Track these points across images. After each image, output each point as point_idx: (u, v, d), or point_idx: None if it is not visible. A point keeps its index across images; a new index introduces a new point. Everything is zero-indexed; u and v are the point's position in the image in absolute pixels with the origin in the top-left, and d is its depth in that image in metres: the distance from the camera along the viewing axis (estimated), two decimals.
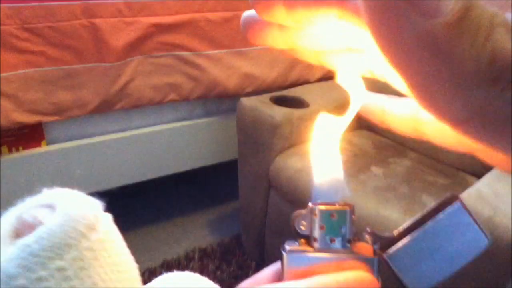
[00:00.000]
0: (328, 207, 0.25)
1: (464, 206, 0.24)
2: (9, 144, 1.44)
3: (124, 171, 1.66)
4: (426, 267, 0.25)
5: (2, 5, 1.28)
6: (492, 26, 0.13)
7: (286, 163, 1.45)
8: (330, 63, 0.23)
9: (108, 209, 0.27)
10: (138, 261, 0.28)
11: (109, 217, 0.27)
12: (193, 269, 0.37)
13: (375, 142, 1.63)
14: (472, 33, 0.12)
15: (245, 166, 1.63)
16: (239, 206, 1.74)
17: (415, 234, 0.25)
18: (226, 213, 2.07)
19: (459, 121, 0.15)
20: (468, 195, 1.05)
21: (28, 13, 1.32)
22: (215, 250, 1.79)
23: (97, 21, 1.42)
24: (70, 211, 0.24)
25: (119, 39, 1.46)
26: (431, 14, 0.12)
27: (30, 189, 0.28)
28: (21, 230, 0.25)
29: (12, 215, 0.26)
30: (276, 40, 0.22)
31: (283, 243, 0.27)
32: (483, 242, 0.24)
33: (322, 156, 0.27)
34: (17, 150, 1.46)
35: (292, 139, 1.51)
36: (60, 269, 0.23)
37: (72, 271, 0.23)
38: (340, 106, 1.65)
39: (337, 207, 0.25)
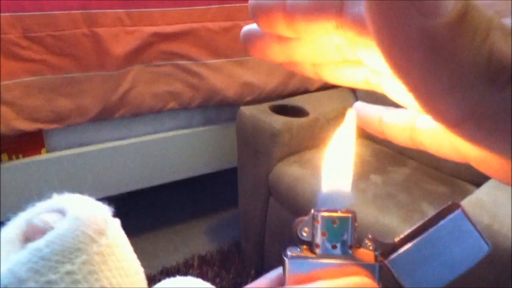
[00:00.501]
0: (330, 213, 0.26)
1: (465, 213, 0.25)
2: (9, 152, 1.45)
3: (123, 178, 1.66)
4: (427, 273, 0.25)
5: (3, 14, 1.29)
6: (489, 28, 0.13)
7: (286, 171, 1.45)
8: (327, 76, 0.24)
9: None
10: None
11: (117, 222, 0.27)
12: (192, 277, 0.37)
13: (374, 151, 1.63)
14: (471, 34, 0.13)
15: (245, 174, 1.63)
16: (239, 214, 1.73)
17: (416, 240, 0.25)
18: (225, 221, 2.06)
19: (456, 122, 0.15)
20: (468, 203, 1.05)
21: (29, 21, 1.33)
22: (215, 258, 1.79)
23: (98, 29, 1.42)
24: (80, 216, 0.25)
25: (120, 48, 1.46)
26: (431, 14, 0.13)
27: (30, 196, 0.28)
28: (31, 234, 0.25)
29: (22, 219, 0.26)
30: (275, 53, 0.22)
31: (284, 249, 0.27)
32: (483, 249, 0.25)
33: (334, 163, 0.27)
34: (17, 157, 1.47)
35: (291, 148, 1.52)
36: (70, 273, 0.23)
37: (81, 275, 0.23)
38: (339, 115, 1.66)
39: (339, 213, 0.26)
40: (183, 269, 1.72)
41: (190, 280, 0.36)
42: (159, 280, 0.35)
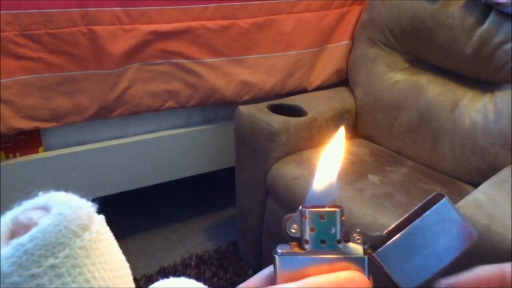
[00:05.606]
0: (318, 209, 0.26)
1: (450, 202, 0.25)
2: (6, 150, 1.44)
3: (121, 177, 1.66)
4: (415, 263, 0.25)
5: (1, 11, 1.29)
6: None
7: (283, 171, 1.45)
8: None
9: (105, 215, 0.28)
10: (134, 267, 0.29)
11: (102, 218, 0.27)
12: (189, 276, 0.37)
13: (372, 151, 1.63)
14: None
15: (243, 173, 1.63)
16: (236, 213, 1.73)
17: (403, 232, 0.25)
18: (223, 220, 2.06)
19: None
20: (465, 204, 1.05)
21: (27, 19, 1.33)
22: (212, 257, 1.79)
23: (96, 28, 1.42)
24: (63, 211, 0.25)
25: (118, 46, 1.46)
26: None
27: (27, 195, 0.28)
28: (17, 231, 0.26)
29: (8, 217, 0.27)
30: None
31: (275, 247, 0.27)
32: (470, 237, 0.25)
33: (325, 161, 0.27)
34: (15, 156, 1.46)
35: (289, 147, 1.52)
36: (53, 267, 0.23)
37: (64, 268, 0.24)
38: (337, 115, 1.66)
39: (326, 209, 0.26)
40: (180, 269, 1.72)
41: (184, 281, 0.36)
42: (157, 280, 0.36)
